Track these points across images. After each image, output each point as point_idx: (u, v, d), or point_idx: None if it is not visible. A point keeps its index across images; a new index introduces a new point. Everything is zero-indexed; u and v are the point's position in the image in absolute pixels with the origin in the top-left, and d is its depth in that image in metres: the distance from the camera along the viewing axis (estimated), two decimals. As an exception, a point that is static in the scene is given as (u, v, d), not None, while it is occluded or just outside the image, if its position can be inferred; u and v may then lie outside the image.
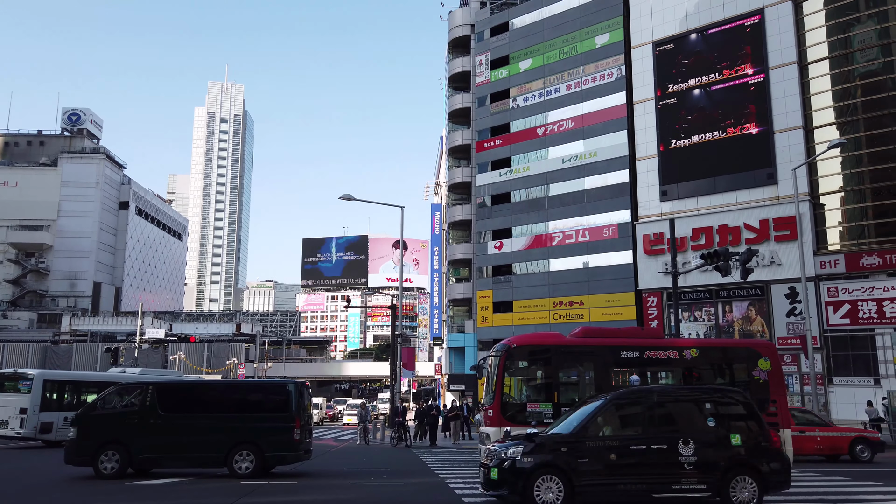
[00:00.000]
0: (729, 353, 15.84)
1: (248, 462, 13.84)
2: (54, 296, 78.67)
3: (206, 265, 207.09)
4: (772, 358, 14.76)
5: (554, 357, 14.83)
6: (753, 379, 14.60)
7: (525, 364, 15.11)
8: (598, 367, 14.75)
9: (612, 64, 42.88)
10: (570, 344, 15.47)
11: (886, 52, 34.06)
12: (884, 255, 32.13)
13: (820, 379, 31.46)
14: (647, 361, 14.83)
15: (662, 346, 14.99)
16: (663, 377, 15.27)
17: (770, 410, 14.31)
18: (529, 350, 15.30)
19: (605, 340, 15.40)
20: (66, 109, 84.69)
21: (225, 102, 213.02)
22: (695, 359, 14.76)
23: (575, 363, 15.17)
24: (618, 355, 14.90)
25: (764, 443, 10.05)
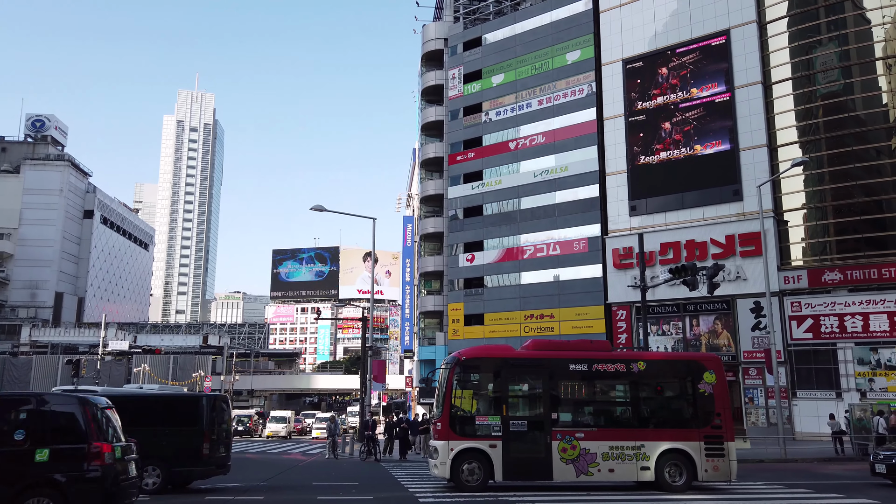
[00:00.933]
0: (675, 366, 15.99)
1: (155, 477, 13.53)
2: (14, 306, 76.46)
3: (172, 276, 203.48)
4: (717, 371, 14.92)
5: (503, 370, 14.80)
6: (699, 392, 14.74)
7: (474, 377, 15.10)
8: (547, 380, 14.77)
9: (583, 80, 43.52)
10: (519, 357, 15.55)
11: (847, 74, 35.16)
12: (845, 270, 32.96)
13: (784, 392, 32.05)
14: (595, 374, 14.95)
15: (610, 360, 15.10)
16: (612, 390, 15.44)
17: (715, 423, 14.48)
18: (478, 363, 15.28)
19: (553, 353, 15.52)
20: (29, 115, 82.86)
21: (195, 111, 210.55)
22: (642, 372, 14.88)
23: (524, 376, 15.18)
24: (566, 368, 14.99)
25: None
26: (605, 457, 14.05)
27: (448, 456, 13.90)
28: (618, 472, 14.06)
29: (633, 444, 14.17)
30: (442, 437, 14.17)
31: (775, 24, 37.14)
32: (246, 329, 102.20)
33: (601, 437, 14.21)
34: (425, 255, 52.96)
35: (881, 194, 33.98)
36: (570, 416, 14.73)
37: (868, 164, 34.50)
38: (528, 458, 14.09)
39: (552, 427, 14.21)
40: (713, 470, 14.16)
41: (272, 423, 45.07)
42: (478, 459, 13.92)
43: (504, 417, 14.22)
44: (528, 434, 14.24)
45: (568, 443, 14.06)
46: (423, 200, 53.73)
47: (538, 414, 14.56)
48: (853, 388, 31.85)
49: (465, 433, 14.12)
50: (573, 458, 13.99)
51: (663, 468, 14.10)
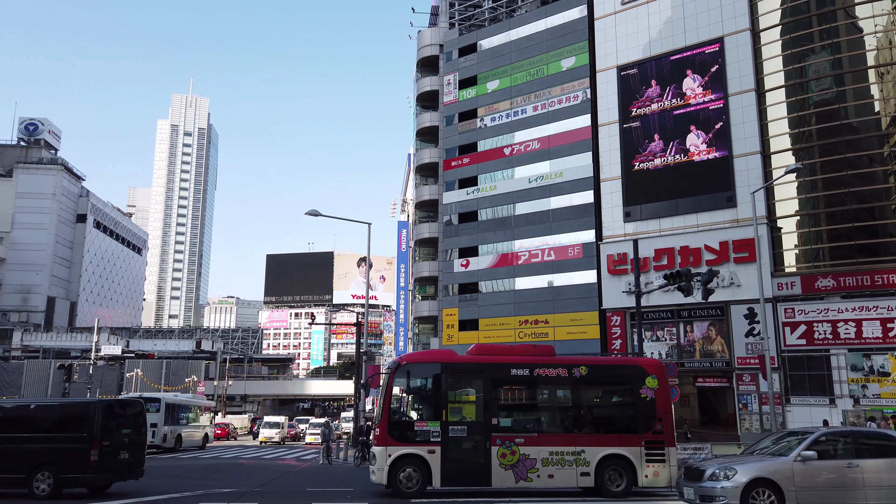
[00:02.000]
0: (618, 371, 15.96)
1: (46, 484, 13.69)
2: (5, 310, 75.96)
3: (166, 280, 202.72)
4: (659, 376, 14.87)
5: (444, 374, 14.68)
6: (641, 397, 14.71)
7: (414, 381, 15.01)
8: (488, 385, 14.69)
9: (578, 87, 43.68)
10: (459, 361, 15.47)
11: (839, 82, 35.42)
12: (838, 277, 33.12)
13: (778, 398, 32.12)
14: (536, 379, 14.86)
15: (552, 364, 14.97)
16: (553, 395, 15.36)
17: (656, 429, 14.45)
18: (419, 367, 15.23)
19: (495, 358, 15.40)
20: (23, 119, 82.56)
21: (189, 115, 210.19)
22: (584, 377, 14.86)
23: (465, 381, 15.08)
24: (508, 373, 14.90)
25: None
26: (544, 462, 13.98)
27: (385, 462, 13.80)
28: (557, 478, 14.00)
29: (574, 449, 14.13)
30: (380, 442, 14.04)
31: (769, 33, 37.41)
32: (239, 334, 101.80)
33: (541, 443, 14.15)
34: (420, 260, 52.94)
35: (874, 201, 34.19)
36: (511, 422, 14.64)
37: (861, 172, 34.73)
38: (467, 464, 14.01)
39: (492, 432, 14.13)
40: (653, 476, 14.13)
41: (265, 428, 44.88)
42: (416, 466, 13.80)
43: (443, 423, 14.11)
44: (468, 440, 14.15)
45: (507, 448, 13.99)
46: (418, 206, 53.75)
47: (478, 419, 14.46)
48: (846, 394, 31.96)
49: (404, 439, 14.02)
50: (512, 464, 13.91)
51: (603, 474, 14.05)
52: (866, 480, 10.61)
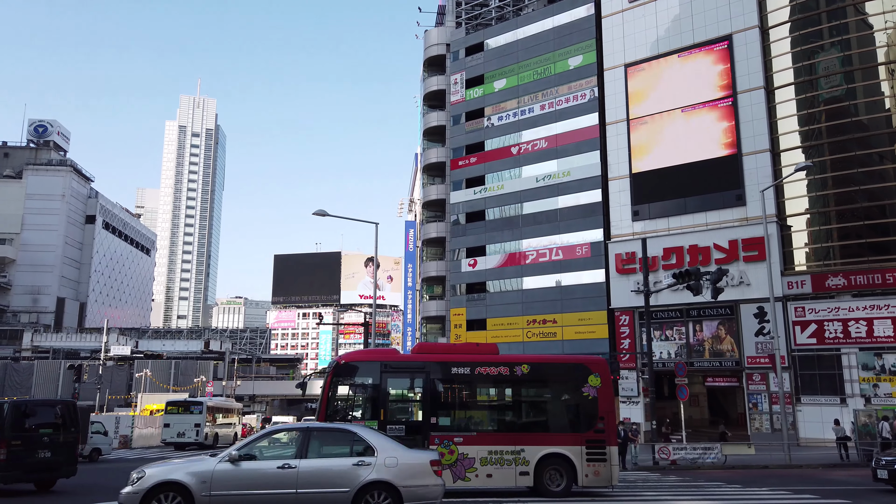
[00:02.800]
0: (560, 369, 15.79)
1: None
2: (16, 311, 76.46)
3: (174, 281, 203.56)
4: (602, 374, 14.69)
5: (383, 374, 14.52)
6: (583, 395, 14.53)
7: (353, 381, 14.85)
8: (428, 384, 14.57)
9: (585, 85, 43.54)
10: (398, 360, 15.42)
11: (849, 79, 35.16)
12: (849, 276, 32.87)
13: (788, 398, 31.93)
14: (477, 378, 14.71)
15: (494, 363, 14.80)
16: (493, 393, 15.19)
17: (598, 427, 14.27)
18: (358, 366, 15.04)
19: (435, 356, 15.23)
20: (32, 121, 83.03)
21: (197, 116, 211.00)
22: (525, 375, 14.68)
23: (404, 380, 14.99)
24: (448, 372, 14.76)
25: None
26: (483, 462, 13.86)
27: None
28: (496, 478, 13.85)
29: (513, 448, 13.98)
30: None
31: (777, 30, 37.17)
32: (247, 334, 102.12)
33: (480, 442, 14.02)
34: (427, 260, 52.91)
35: (884, 199, 33.92)
36: (450, 421, 14.50)
37: (871, 169, 34.46)
38: None
39: (430, 432, 14.03)
40: (594, 475, 13.96)
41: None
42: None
43: (382, 422, 13.98)
44: (406, 439, 13.82)
45: (446, 448, 13.85)
46: (426, 205, 53.73)
47: (416, 418, 14.40)
48: (857, 393, 31.73)
49: None
50: (451, 464, 13.78)
51: (543, 473, 13.91)
52: (301, 481, 9.76)
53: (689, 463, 23.26)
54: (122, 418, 38.34)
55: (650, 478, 19.61)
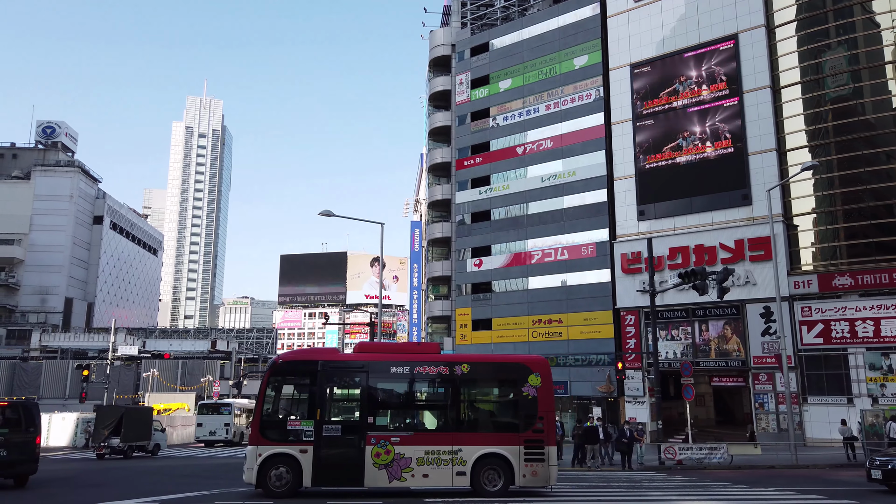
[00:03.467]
0: (500, 368, 15.75)
1: None
2: (24, 311, 76.89)
3: (181, 281, 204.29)
4: (543, 374, 14.63)
5: (320, 373, 14.50)
6: (522, 395, 14.47)
7: (290, 380, 14.87)
8: (366, 384, 14.53)
9: (591, 85, 43.50)
10: (336, 360, 15.29)
11: (856, 78, 35.02)
12: (855, 275, 32.75)
13: (795, 398, 31.85)
14: (416, 377, 14.69)
15: (433, 362, 14.72)
16: (432, 393, 15.14)
17: (536, 427, 14.20)
18: (295, 366, 15.10)
19: (373, 356, 15.22)
20: (40, 122, 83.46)
21: (203, 117, 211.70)
22: (465, 375, 14.63)
23: (342, 379, 14.92)
24: (387, 371, 14.73)
25: None
26: (419, 462, 13.83)
27: (255, 462, 13.66)
28: (432, 478, 13.82)
29: (450, 448, 13.95)
30: (252, 442, 13.98)
31: (784, 29, 37.06)
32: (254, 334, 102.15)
33: (417, 442, 13.99)
34: (433, 259, 52.97)
35: (891, 198, 33.78)
36: (388, 421, 14.52)
37: (878, 169, 34.33)
38: (340, 463, 13.88)
39: (367, 431, 14.00)
40: (531, 475, 13.92)
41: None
42: (287, 465, 13.66)
43: (318, 422, 13.99)
44: (342, 439, 13.99)
45: (382, 448, 13.85)
46: (431, 205, 53.78)
47: (353, 418, 14.38)
48: (864, 393, 31.62)
49: (276, 438, 13.90)
50: (386, 464, 13.77)
51: (480, 473, 13.88)
52: None
53: (694, 463, 23.25)
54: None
55: (656, 478, 19.63)
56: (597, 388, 39.54)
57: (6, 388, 58.87)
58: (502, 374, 15.34)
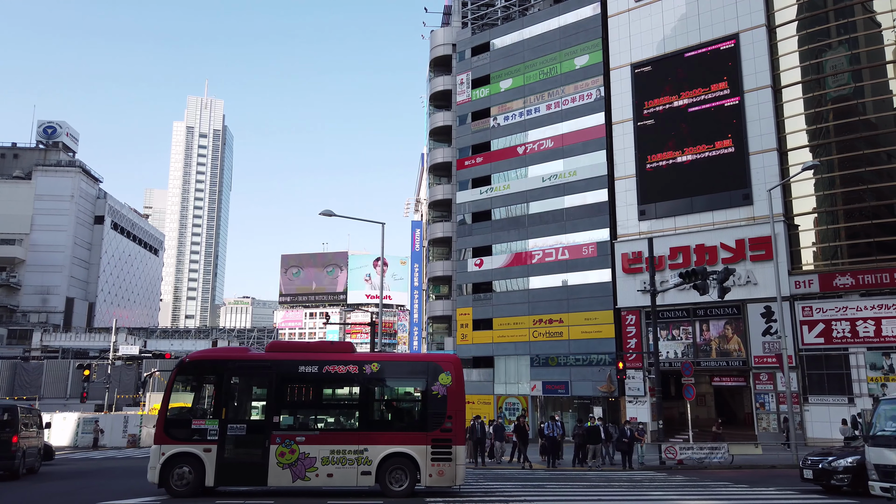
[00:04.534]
0: (411, 367, 15.66)
1: None
2: (25, 311, 76.97)
3: (182, 281, 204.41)
4: (454, 373, 14.53)
5: (228, 372, 14.52)
6: (432, 394, 14.36)
7: (197, 379, 14.82)
8: (273, 383, 14.45)
9: (592, 85, 43.50)
10: (244, 358, 15.25)
11: (857, 78, 35.01)
12: (856, 275, 32.74)
13: (795, 397, 31.84)
14: (324, 376, 14.57)
15: (343, 361, 14.59)
16: (340, 392, 15.05)
17: (445, 426, 14.10)
18: (202, 365, 15.04)
19: (282, 355, 15.16)
20: (41, 122, 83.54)
21: (204, 117, 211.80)
22: (374, 374, 14.55)
23: (249, 379, 14.86)
24: (294, 370, 14.58)
25: None
26: (324, 461, 13.77)
27: (158, 461, 13.64)
28: (337, 477, 13.76)
29: (357, 447, 13.89)
30: (156, 441, 13.96)
31: (784, 28, 37.04)
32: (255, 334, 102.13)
33: (323, 441, 13.93)
34: (434, 259, 52.99)
35: (892, 198, 33.76)
36: (294, 420, 14.43)
37: (879, 168, 34.31)
38: (244, 462, 13.84)
39: (272, 431, 13.96)
40: (438, 475, 13.83)
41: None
42: (190, 464, 13.64)
43: (222, 421, 13.97)
44: (246, 438, 13.96)
45: (287, 447, 13.81)
46: (432, 205, 53.80)
47: (259, 417, 14.33)
48: (865, 393, 31.60)
49: (180, 437, 13.88)
50: (290, 463, 13.73)
51: (386, 473, 13.81)
52: None
53: (695, 462, 23.25)
54: (131, 417, 38.61)
55: (657, 477, 19.64)
56: (597, 388, 39.55)
57: (7, 387, 58.96)
58: (413, 373, 15.20)
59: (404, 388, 15.20)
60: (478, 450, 24.46)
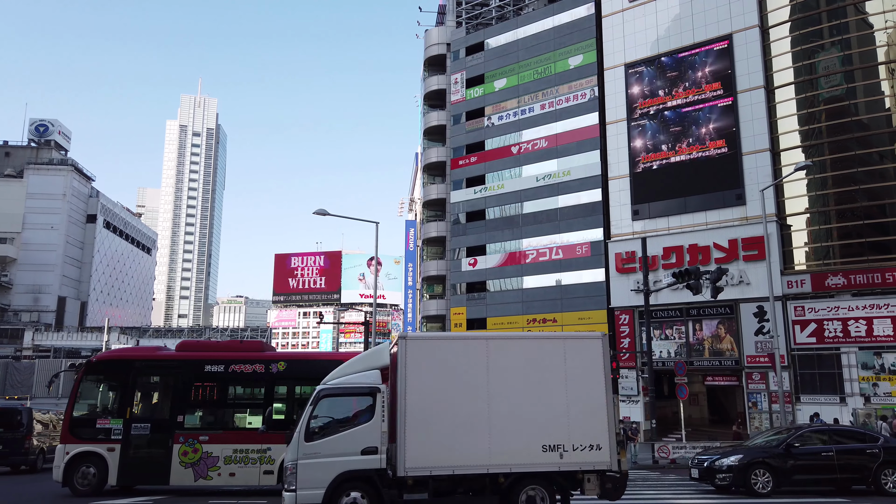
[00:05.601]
0: (317, 366, 15.40)
1: None
2: (17, 310, 76.54)
3: (175, 280, 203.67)
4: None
5: (134, 371, 14.56)
6: None
7: (104, 379, 14.90)
8: (179, 382, 14.52)
9: (586, 85, 43.56)
10: (151, 358, 15.30)
11: (849, 79, 35.16)
12: (848, 275, 32.89)
13: (788, 397, 31.95)
14: (231, 376, 14.57)
15: (249, 360, 14.67)
16: (246, 391, 15.08)
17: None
18: (109, 364, 15.10)
19: (188, 354, 15.17)
20: (33, 120, 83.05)
21: (198, 116, 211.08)
22: (281, 373, 14.57)
23: (155, 378, 14.95)
24: (201, 369, 14.60)
25: None
26: (227, 460, 13.78)
27: (62, 459, 13.72)
28: (239, 476, 13.77)
29: (260, 447, 13.89)
30: (62, 440, 14.09)
31: (778, 29, 37.17)
32: (248, 333, 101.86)
33: (226, 441, 13.95)
34: (428, 259, 52.96)
35: (884, 199, 33.92)
36: (199, 419, 14.47)
37: (871, 169, 34.46)
38: (147, 461, 13.88)
39: (176, 430, 14.00)
40: None
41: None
42: (94, 463, 13.70)
43: (127, 420, 14.02)
44: (150, 437, 14.00)
45: (190, 446, 13.84)
46: (426, 205, 53.76)
47: (163, 416, 14.35)
48: (857, 392, 31.75)
49: (84, 436, 13.94)
50: (193, 462, 13.76)
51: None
52: None
53: (688, 462, 23.28)
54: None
55: (650, 476, 19.68)
56: (591, 388, 39.54)
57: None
58: (318, 372, 14.98)
59: (311, 386, 15.21)
60: None
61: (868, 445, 15.02)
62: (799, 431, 15.69)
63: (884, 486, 14.44)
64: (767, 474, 14.41)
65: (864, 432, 15.96)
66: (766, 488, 14.36)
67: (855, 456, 14.90)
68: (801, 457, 14.77)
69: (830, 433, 15.61)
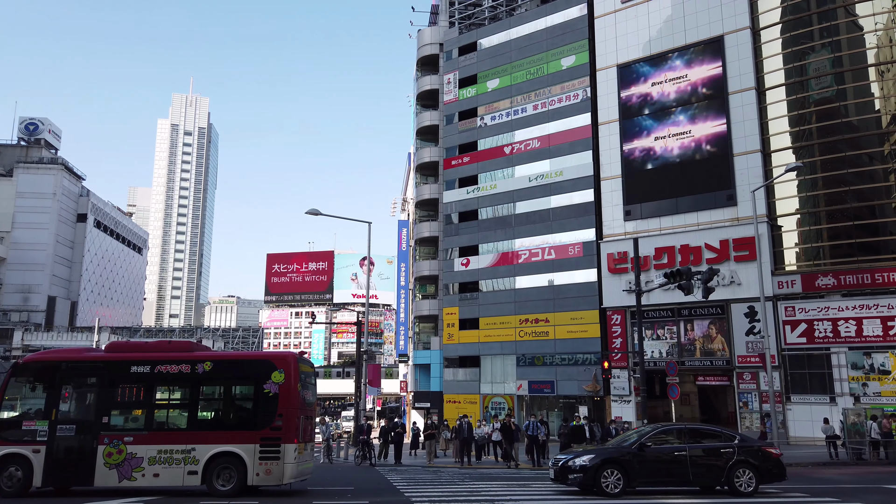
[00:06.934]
0: (244, 366, 15.65)
1: None
2: (6, 310, 75.98)
3: (166, 280, 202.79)
4: (287, 370, 14.42)
5: (60, 373, 14.63)
6: (263, 392, 14.34)
7: (31, 381, 14.97)
8: (104, 383, 14.59)
9: (578, 85, 43.66)
10: (77, 360, 15.33)
11: (839, 80, 35.41)
12: (838, 276, 33.11)
13: (778, 397, 32.14)
14: (156, 376, 14.56)
15: (175, 361, 14.69)
16: (171, 392, 15.11)
17: (275, 425, 14.05)
18: (36, 366, 15.13)
19: (115, 355, 15.24)
20: (23, 118, 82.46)
21: (189, 115, 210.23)
22: (207, 373, 14.56)
23: (80, 380, 14.93)
24: (126, 370, 14.66)
25: None
26: (151, 461, 13.79)
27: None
28: (163, 477, 13.77)
29: (184, 447, 13.89)
30: None
31: (769, 31, 37.39)
32: (240, 333, 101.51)
33: (151, 441, 13.98)
34: (420, 259, 52.94)
35: (874, 200, 34.19)
36: (123, 420, 14.50)
37: (861, 170, 34.73)
38: (71, 462, 13.92)
39: (101, 431, 14.05)
40: (265, 473, 13.79)
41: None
42: (19, 465, 13.75)
43: (52, 422, 14.09)
44: (75, 438, 14.05)
45: (114, 447, 13.87)
46: (419, 205, 53.74)
47: (88, 418, 14.37)
48: (847, 392, 31.98)
49: (10, 438, 14.01)
50: (117, 463, 13.79)
51: (213, 472, 13.79)
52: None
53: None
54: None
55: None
56: (583, 388, 39.71)
57: (-13, 387, 58.18)
58: (246, 371, 15.16)
59: (237, 386, 15.14)
60: (464, 449, 24.47)
61: (723, 444, 14.67)
62: (654, 430, 15.36)
63: (737, 486, 14.14)
64: (618, 474, 14.05)
65: (722, 431, 15.39)
66: (616, 488, 13.99)
67: (709, 455, 14.56)
68: (653, 456, 14.41)
69: (687, 432, 15.14)
